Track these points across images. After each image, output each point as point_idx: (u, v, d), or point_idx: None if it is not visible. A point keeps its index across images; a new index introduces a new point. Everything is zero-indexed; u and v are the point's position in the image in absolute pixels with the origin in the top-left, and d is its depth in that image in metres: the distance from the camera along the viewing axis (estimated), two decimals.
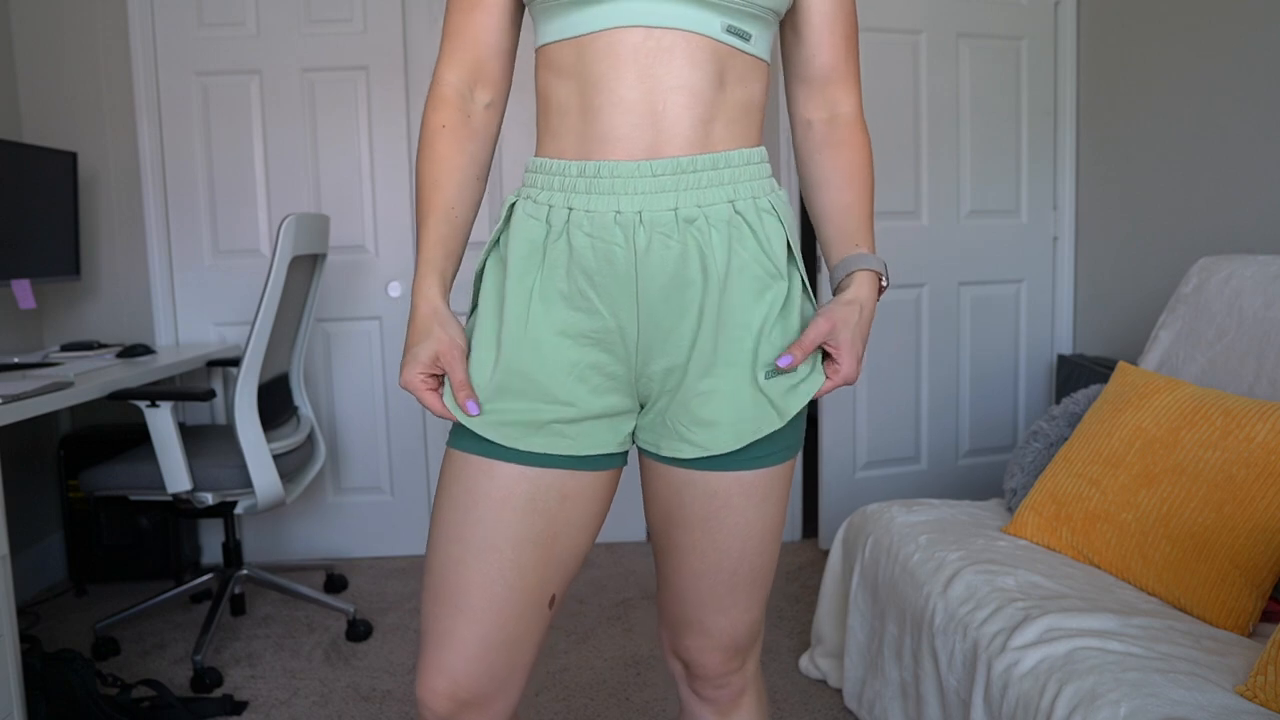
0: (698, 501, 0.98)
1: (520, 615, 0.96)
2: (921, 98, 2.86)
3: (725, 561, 1.00)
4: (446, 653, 0.95)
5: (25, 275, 2.45)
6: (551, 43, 0.94)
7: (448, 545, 0.95)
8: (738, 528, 0.99)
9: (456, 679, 0.94)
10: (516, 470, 0.94)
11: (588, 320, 0.93)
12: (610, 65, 0.89)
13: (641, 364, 0.94)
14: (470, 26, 0.98)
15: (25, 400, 1.76)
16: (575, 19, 0.91)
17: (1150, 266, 2.57)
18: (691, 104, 0.90)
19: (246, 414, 2.15)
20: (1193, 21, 2.34)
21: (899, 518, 1.85)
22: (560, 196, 0.93)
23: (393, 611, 2.58)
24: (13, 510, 2.66)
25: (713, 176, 0.91)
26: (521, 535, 0.94)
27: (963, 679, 1.42)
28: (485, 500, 0.94)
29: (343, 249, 2.94)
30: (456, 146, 0.98)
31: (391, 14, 2.86)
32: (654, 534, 1.07)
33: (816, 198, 1.04)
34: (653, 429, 0.98)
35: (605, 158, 0.90)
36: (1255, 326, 1.69)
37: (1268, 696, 1.07)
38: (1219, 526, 1.38)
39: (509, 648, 0.96)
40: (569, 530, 0.97)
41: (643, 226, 0.90)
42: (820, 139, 1.04)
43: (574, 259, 0.92)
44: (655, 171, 0.90)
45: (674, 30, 0.88)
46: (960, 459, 3.04)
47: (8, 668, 1.62)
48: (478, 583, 0.94)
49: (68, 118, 2.83)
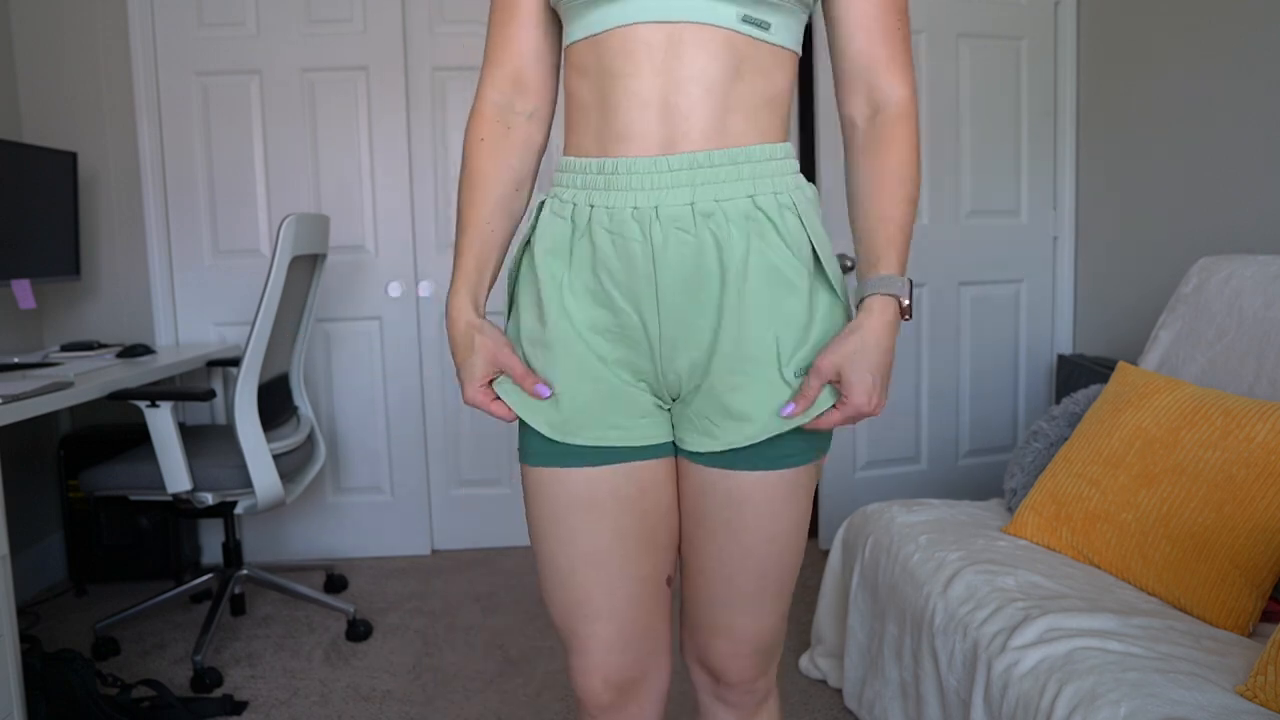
0: (721, 502, 0.98)
1: (645, 603, 1.02)
2: (921, 98, 2.86)
3: (750, 563, 1.00)
4: (592, 655, 1.02)
5: (25, 275, 2.45)
6: (574, 43, 0.95)
7: (555, 559, 1.00)
8: (762, 529, 0.98)
9: (608, 675, 1.02)
10: (589, 473, 0.97)
11: (612, 316, 0.95)
12: (626, 61, 0.90)
13: (665, 359, 0.95)
14: (506, 39, 1.01)
15: (25, 400, 1.76)
16: (593, 17, 0.92)
17: (1150, 266, 2.57)
18: (706, 97, 0.90)
19: (246, 414, 2.15)
20: (1193, 21, 2.34)
21: (899, 518, 1.85)
22: (583, 195, 0.94)
23: (393, 611, 2.58)
24: (13, 510, 2.66)
25: (731, 172, 0.91)
26: (619, 531, 0.99)
27: (963, 679, 1.42)
28: (572, 509, 0.98)
29: (343, 249, 2.94)
30: (494, 160, 1.01)
31: (391, 14, 2.86)
32: (679, 538, 1.06)
33: (853, 211, 0.98)
34: (679, 424, 0.99)
35: (622, 154, 0.91)
36: (1255, 326, 1.69)
37: (1268, 696, 1.07)
38: (1219, 526, 1.38)
39: (644, 634, 1.03)
40: (660, 514, 1.01)
41: (659, 222, 0.90)
42: (862, 141, 0.97)
43: (597, 256, 0.93)
44: (671, 167, 0.90)
45: (688, 24, 0.89)
46: (960, 459, 3.04)
47: (8, 668, 1.62)
48: (597, 587, 1.00)
49: (68, 118, 2.83)
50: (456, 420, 3.04)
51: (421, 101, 2.92)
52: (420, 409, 3.01)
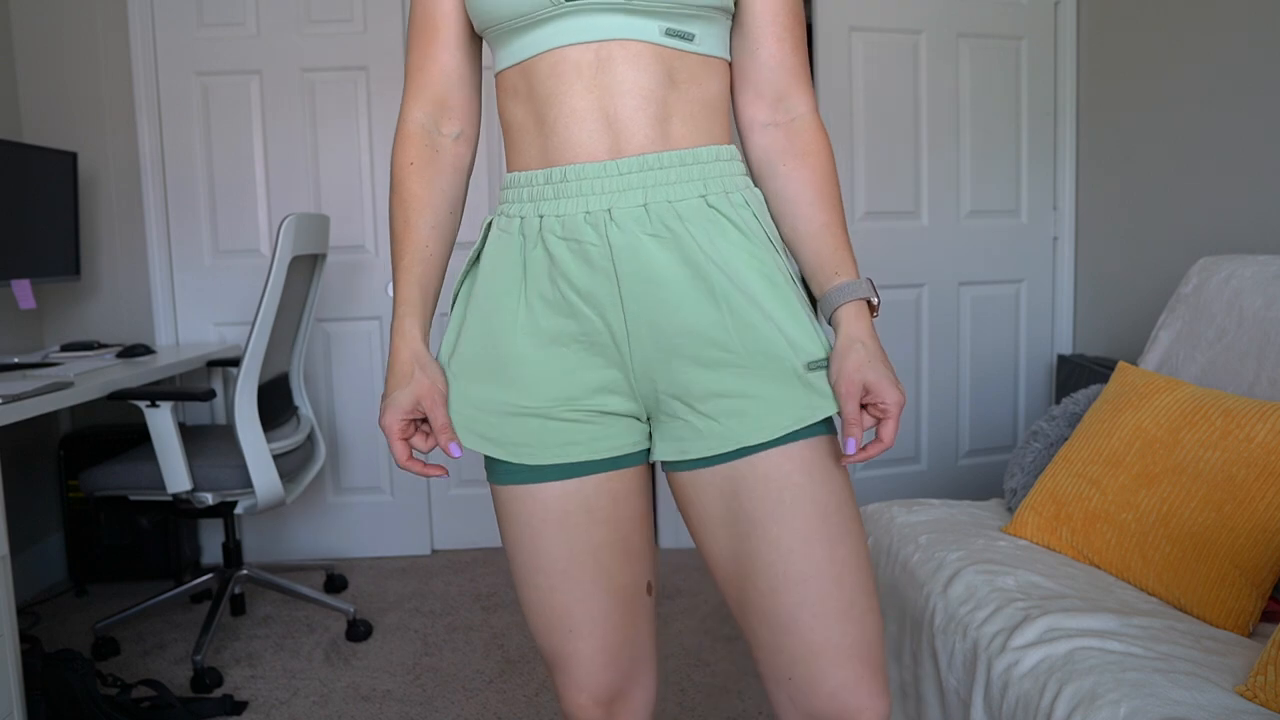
0: (758, 493, 0.90)
1: (626, 614, 1.00)
2: (921, 98, 2.86)
3: (817, 549, 0.89)
4: (575, 672, 1.00)
5: (25, 275, 2.45)
6: (504, 69, 0.95)
7: (532, 576, 0.98)
8: (814, 502, 0.90)
9: (594, 690, 1.00)
10: (558, 488, 0.95)
11: (575, 324, 0.93)
12: (558, 83, 0.90)
13: (638, 364, 0.93)
14: (429, 61, 0.99)
15: (25, 400, 1.76)
16: (521, 44, 0.92)
17: (1150, 266, 2.57)
18: (644, 105, 0.90)
19: (246, 414, 2.15)
20: (1193, 21, 2.34)
21: (899, 518, 1.85)
22: (530, 206, 0.93)
23: (392, 611, 2.58)
24: (13, 510, 2.66)
25: (681, 173, 0.91)
26: (595, 544, 0.97)
27: (963, 679, 1.42)
28: (546, 525, 0.96)
29: (343, 249, 2.94)
30: (425, 183, 0.98)
31: (391, 14, 2.86)
32: (726, 572, 0.95)
33: (786, 218, 0.97)
34: (680, 438, 0.94)
35: (569, 162, 0.91)
36: (1255, 326, 1.69)
37: (1268, 696, 1.07)
38: (1219, 526, 1.38)
39: (627, 645, 1.01)
40: (634, 522, 1.00)
41: (614, 224, 0.89)
42: (781, 147, 0.97)
43: (554, 265, 0.92)
44: (621, 170, 0.89)
45: (614, 41, 0.89)
46: (960, 459, 3.04)
47: (8, 668, 1.62)
48: (577, 604, 0.98)
49: (68, 118, 2.83)
50: None
51: None
52: None
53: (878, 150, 2.83)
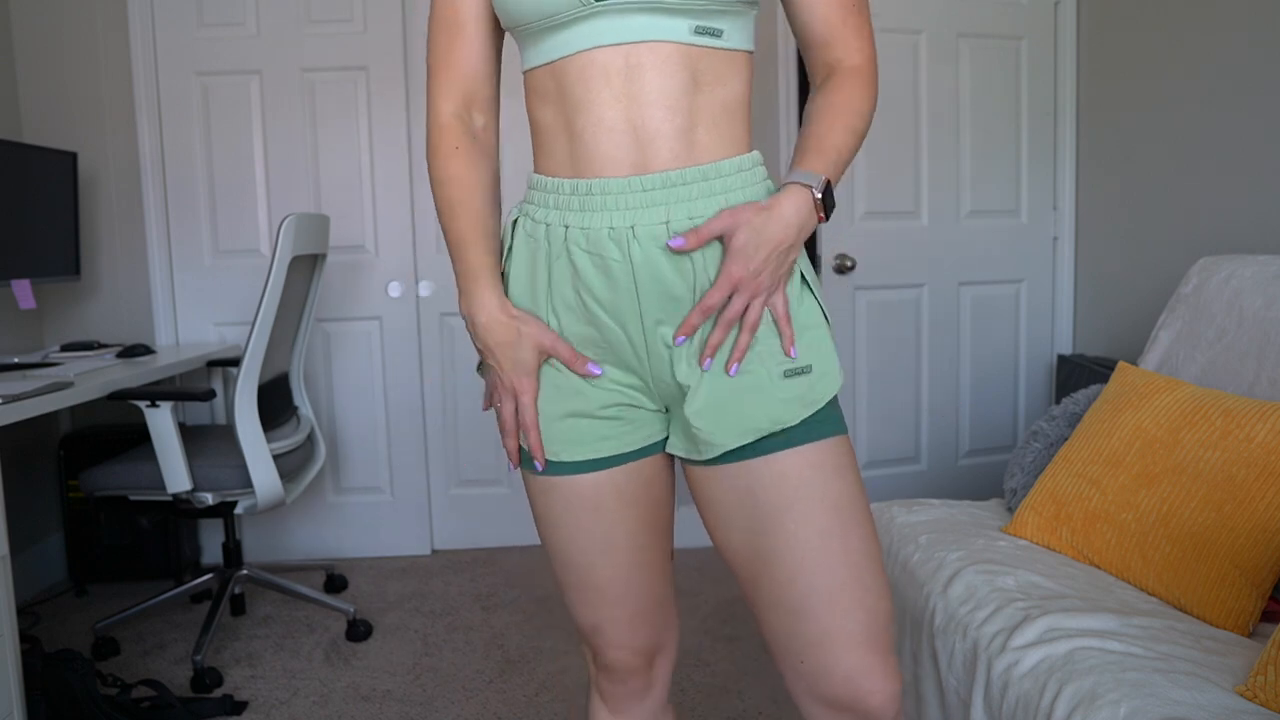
0: (774, 489, 0.94)
1: (657, 581, 1.08)
2: (921, 98, 2.86)
3: (831, 542, 0.93)
4: (618, 636, 1.07)
5: (25, 275, 2.45)
6: (533, 68, 0.96)
7: (573, 557, 1.04)
8: (826, 497, 0.94)
9: (634, 646, 1.08)
10: (592, 478, 1.01)
11: (596, 332, 0.96)
12: (587, 88, 0.91)
13: (656, 374, 0.97)
14: (455, 57, 1.00)
15: (25, 400, 1.76)
16: (550, 44, 0.92)
17: (1150, 266, 2.57)
18: (670, 115, 0.91)
19: (246, 414, 2.15)
20: (1193, 21, 2.34)
21: (899, 518, 1.85)
22: (556, 215, 0.95)
23: (392, 611, 2.58)
24: (13, 510, 2.66)
25: (704, 188, 0.92)
26: (632, 524, 1.03)
27: (963, 679, 1.42)
28: (583, 512, 1.01)
29: (343, 249, 2.94)
30: (471, 165, 1.00)
31: (391, 14, 2.86)
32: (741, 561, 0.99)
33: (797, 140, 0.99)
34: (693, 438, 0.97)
35: (596, 175, 0.92)
36: (1255, 326, 1.69)
37: (1268, 696, 1.07)
38: (1219, 526, 1.38)
39: (658, 607, 1.09)
40: (663, 501, 1.07)
41: (636, 241, 0.92)
42: (817, 89, 1.00)
43: (577, 275, 0.94)
44: (645, 186, 0.91)
45: (644, 43, 0.89)
46: (960, 459, 3.04)
47: (8, 668, 1.62)
48: (615, 577, 1.04)
49: (68, 118, 2.83)
50: (456, 420, 3.04)
51: (421, 101, 2.92)
52: (420, 409, 3.01)
53: (878, 150, 2.83)
